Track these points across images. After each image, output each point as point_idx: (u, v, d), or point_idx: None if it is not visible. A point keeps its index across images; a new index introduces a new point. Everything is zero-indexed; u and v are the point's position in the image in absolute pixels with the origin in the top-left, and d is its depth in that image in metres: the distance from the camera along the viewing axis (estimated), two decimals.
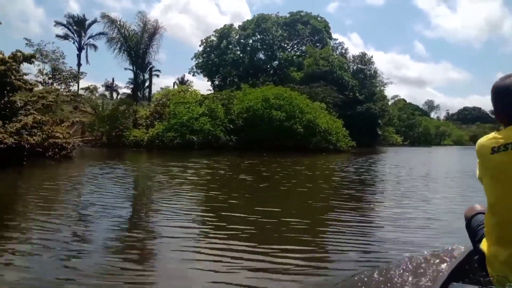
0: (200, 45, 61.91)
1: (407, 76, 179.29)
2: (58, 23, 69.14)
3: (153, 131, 30.97)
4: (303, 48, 60.24)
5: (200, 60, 61.80)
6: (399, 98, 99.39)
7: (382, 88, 73.96)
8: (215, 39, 61.33)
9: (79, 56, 66.91)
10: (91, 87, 38.16)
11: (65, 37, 68.11)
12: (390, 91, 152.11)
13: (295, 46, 62.69)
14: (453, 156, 38.73)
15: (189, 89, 34.28)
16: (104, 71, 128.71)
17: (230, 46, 61.13)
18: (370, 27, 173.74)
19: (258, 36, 61.38)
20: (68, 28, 68.05)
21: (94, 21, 65.18)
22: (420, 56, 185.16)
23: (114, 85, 79.77)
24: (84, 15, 69.19)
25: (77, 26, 68.22)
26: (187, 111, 30.90)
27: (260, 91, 35.29)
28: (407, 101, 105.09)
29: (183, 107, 31.57)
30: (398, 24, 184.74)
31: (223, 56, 58.97)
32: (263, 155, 25.30)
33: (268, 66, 61.16)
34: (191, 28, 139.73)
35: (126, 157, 23.05)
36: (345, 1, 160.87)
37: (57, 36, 67.87)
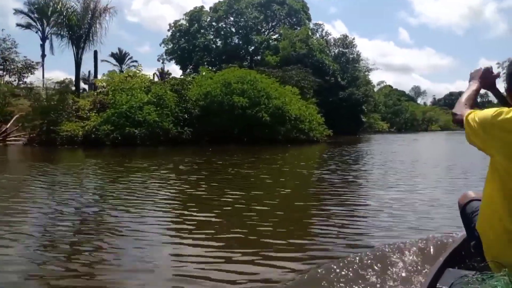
0: (168, 30, 55.73)
1: (392, 63, 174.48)
2: (18, 11, 62.51)
3: (89, 124, 25.19)
4: (281, 31, 54.31)
5: (170, 46, 55.69)
6: (385, 84, 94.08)
7: (367, 73, 68.74)
8: (184, 22, 55.18)
9: (43, 47, 60.59)
10: (67, 81, 32.10)
11: (27, 26, 61.63)
12: (375, 78, 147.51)
13: (272, 29, 56.75)
14: (441, 143, 33.35)
15: (137, 74, 28.38)
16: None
17: (202, 31, 55.03)
18: (354, 14, 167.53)
19: (231, 19, 55.37)
20: (29, 16, 61.55)
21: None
22: (404, 42, 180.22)
23: (91, 79, 73.80)
24: (44, 1, 62.75)
25: (39, 13, 61.73)
26: (128, 99, 25.12)
27: (221, 74, 29.64)
28: (393, 88, 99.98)
29: (125, 94, 25.77)
30: (382, 11, 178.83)
31: (193, 41, 52.91)
32: (209, 150, 19.88)
33: (243, 51, 55.23)
34: (173, 19, 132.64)
35: (30, 159, 17.43)
36: None
37: (18, 25, 61.37)
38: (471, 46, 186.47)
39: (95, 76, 30.84)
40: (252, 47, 55.71)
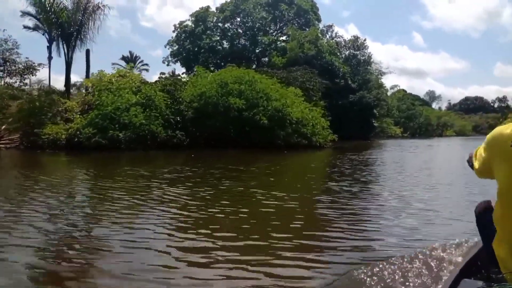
0: (173, 31, 53.63)
1: (406, 67, 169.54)
2: (24, 13, 61.36)
3: (72, 127, 23.10)
4: (289, 32, 51.66)
5: (175, 48, 53.60)
6: (398, 88, 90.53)
7: (379, 76, 65.68)
8: (190, 23, 53.05)
9: (49, 48, 59.27)
10: (78, 84, 30.31)
11: (35, 28, 60.41)
12: (389, 82, 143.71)
13: (280, 30, 54.20)
14: (457, 150, 30.29)
15: (128, 73, 26.19)
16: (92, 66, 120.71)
17: (208, 32, 52.81)
18: (366, 18, 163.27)
19: (238, 19, 53.06)
20: (37, 18, 60.33)
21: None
22: (418, 46, 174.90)
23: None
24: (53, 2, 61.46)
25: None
26: (114, 100, 22.95)
27: (217, 74, 27.34)
28: (407, 92, 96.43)
29: (111, 95, 23.62)
30: (395, 15, 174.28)
31: (198, 42, 50.70)
32: (191, 156, 17.53)
33: (250, 52, 52.82)
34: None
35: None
36: None
37: (25, 27, 60.28)
38: (487, 50, 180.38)
39: (87, 76, 28.67)
40: (260, 49, 53.28)
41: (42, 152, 21.71)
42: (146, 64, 68.02)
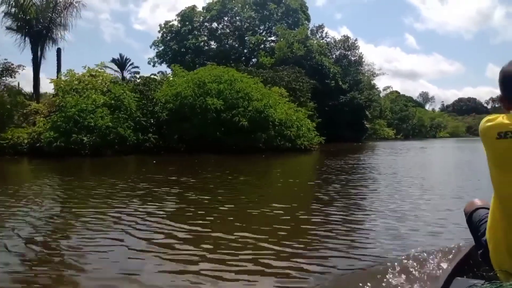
0: (159, 31, 51.54)
1: (399, 69, 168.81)
2: (7, 14, 59.14)
3: (35, 130, 21.01)
4: (279, 32, 49.61)
5: (161, 48, 51.55)
6: (391, 89, 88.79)
7: (371, 77, 63.85)
8: (176, 23, 51.00)
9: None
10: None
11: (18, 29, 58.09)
12: (382, 84, 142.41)
13: (268, 30, 52.18)
14: (452, 153, 28.34)
15: (99, 73, 24.04)
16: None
17: (195, 32, 50.76)
18: (359, 20, 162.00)
19: (225, 18, 51.07)
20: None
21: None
22: (411, 48, 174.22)
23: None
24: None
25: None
26: (78, 101, 20.85)
27: (195, 73, 25.27)
28: (400, 94, 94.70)
29: (77, 95, 21.55)
30: (388, 17, 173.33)
31: (184, 42, 48.65)
32: (153, 162, 15.51)
33: (238, 53, 50.81)
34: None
35: None
36: None
37: (8, 28, 57.98)
38: (479, 52, 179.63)
39: (57, 77, 26.52)
40: (248, 49, 51.33)
41: (3, 159, 19.62)
42: (137, 67, 66.10)
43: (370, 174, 12.39)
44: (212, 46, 51.47)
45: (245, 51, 51.64)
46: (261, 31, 51.97)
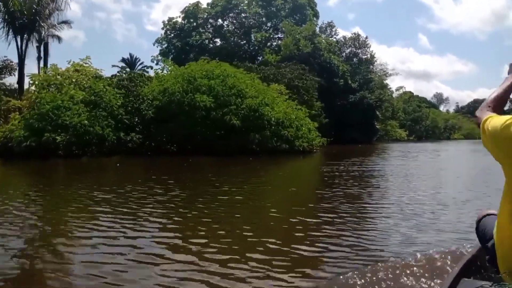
0: (162, 28, 49.66)
1: (412, 70, 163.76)
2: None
3: (7, 129, 19.16)
4: (284, 29, 47.12)
5: (164, 46, 49.66)
6: (404, 90, 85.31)
7: (384, 77, 60.83)
8: (180, 20, 49.03)
9: (38, 49, 55.81)
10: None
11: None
12: (395, 84, 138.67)
13: (274, 27, 49.81)
14: (468, 159, 25.45)
15: (83, 68, 22.08)
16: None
17: (200, 29, 48.74)
18: (372, 20, 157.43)
19: (231, 15, 48.91)
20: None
21: (56, 9, 53.74)
22: (424, 49, 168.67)
23: None
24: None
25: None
26: (55, 97, 18.91)
27: (185, 68, 23.17)
28: (414, 94, 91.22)
29: (56, 91, 19.63)
30: (401, 17, 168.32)
31: (187, 39, 46.65)
32: (117, 166, 13.43)
33: (243, 50, 48.60)
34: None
35: None
36: None
37: None
38: (494, 52, 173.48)
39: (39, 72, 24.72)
40: (253, 46, 49.08)
41: None
42: (147, 67, 64.50)
43: (369, 188, 10.00)
44: (217, 44, 49.36)
45: (251, 48, 49.41)
46: (268, 28, 49.66)
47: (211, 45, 48.83)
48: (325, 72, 45.16)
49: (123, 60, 59.32)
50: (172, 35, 49.01)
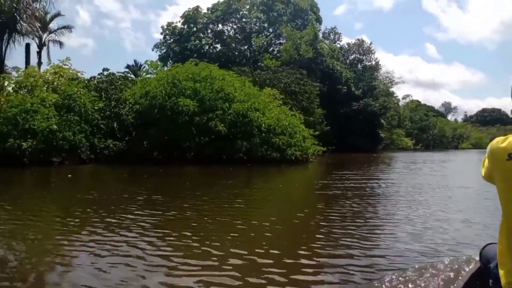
0: (161, 33, 48.25)
1: (420, 79, 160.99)
2: None
3: None
4: (284, 33, 45.30)
5: (163, 51, 48.21)
6: (411, 98, 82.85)
7: (390, 85, 58.68)
8: (180, 25, 47.59)
9: (39, 54, 54.60)
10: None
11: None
12: (402, 92, 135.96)
13: (275, 32, 48.10)
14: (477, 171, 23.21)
15: (62, 70, 20.46)
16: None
17: (199, 33, 47.24)
18: (379, 29, 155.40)
19: (231, 20, 47.35)
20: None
21: (58, 14, 52.41)
22: (432, 58, 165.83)
23: None
24: (44, 7, 56.81)
25: (37, 21, 55.86)
26: (24, 100, 17.24)
27: (170, 70, 21.47)
28: (422, 103, 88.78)
29: (28, 94, 17.99)
30: (408, 26, 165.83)
31: (186, 44, 45.13)
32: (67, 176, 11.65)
33: (243, 56, 46.93)
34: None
35: None
36: (353, 3, 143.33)
37: None
38: (503, 62, 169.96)
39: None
40: (254, 52, 47.38)
41: None
42: (151, 73, 63.23)
43: (360, 208, 8.02)
44: (217, 49, 47.79)
45: (251, 54, 47.72)
46: (269, 33, 47.97)
47: (211, 50, 47.27)
48: (327, 78, 43.30)
49: (128, 66, 58.19)
50: (171, 40, 47.57)
